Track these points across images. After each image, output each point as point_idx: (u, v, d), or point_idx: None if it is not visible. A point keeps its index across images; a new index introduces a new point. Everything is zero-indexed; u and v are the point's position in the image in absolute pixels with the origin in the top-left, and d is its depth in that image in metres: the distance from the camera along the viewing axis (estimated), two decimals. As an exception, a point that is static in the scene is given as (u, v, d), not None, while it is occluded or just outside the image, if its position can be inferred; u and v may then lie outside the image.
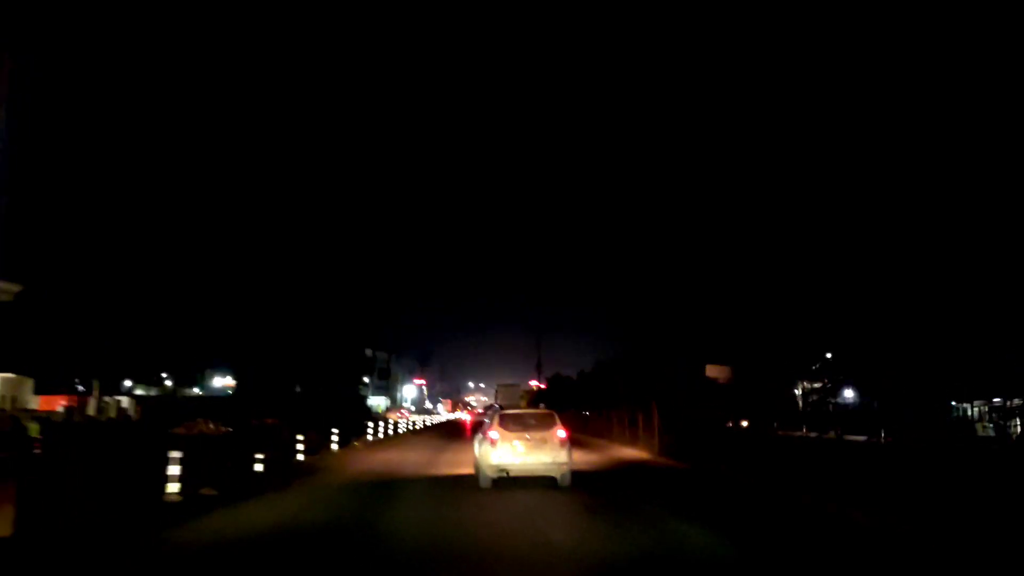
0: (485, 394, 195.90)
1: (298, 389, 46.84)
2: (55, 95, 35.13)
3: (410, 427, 44.48)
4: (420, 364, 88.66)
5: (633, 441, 26.21)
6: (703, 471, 17.29)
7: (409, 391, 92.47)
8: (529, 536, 9.14)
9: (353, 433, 27.00)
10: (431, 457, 21.69)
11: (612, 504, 12.30)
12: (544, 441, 13.14)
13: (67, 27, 40.35)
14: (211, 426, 19.45)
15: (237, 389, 46.09)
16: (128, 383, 54.59)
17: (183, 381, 65.56)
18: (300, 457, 18.71)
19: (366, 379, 67.34)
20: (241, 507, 11.33)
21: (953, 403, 35.91)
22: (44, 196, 35.54)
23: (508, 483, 13.24)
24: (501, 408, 17.81)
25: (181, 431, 19.33)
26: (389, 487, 14.26)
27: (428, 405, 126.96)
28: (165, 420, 22.28)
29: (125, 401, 42.32)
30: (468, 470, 15.58)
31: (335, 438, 23.40)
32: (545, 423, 13.65)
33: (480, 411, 65.41)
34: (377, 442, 30.26)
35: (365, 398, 54.18)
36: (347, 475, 16.47)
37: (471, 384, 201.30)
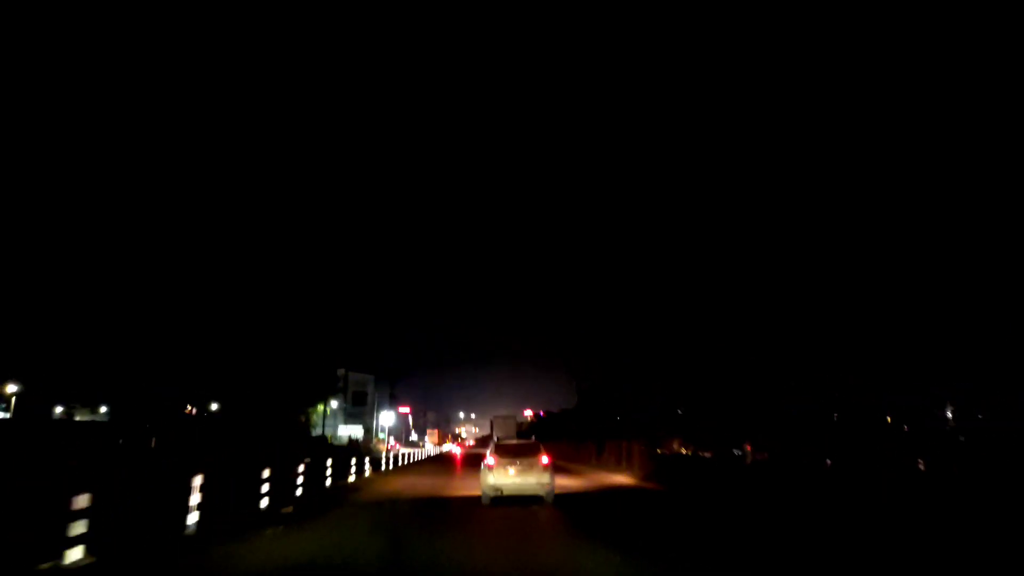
0: (476, 424, 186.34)
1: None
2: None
3: (370, 468, 30.72)
4: (390, 383, 75.70)
5: (619, 468, 28.93)
6: (673, 493, 19.68)
7: (388, 419, 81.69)
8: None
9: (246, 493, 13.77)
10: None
11: (581, 515, 14.47)
12: (531, 466, 15.54)
13: (67, 27, 36.91)
14: None
15: (113, 413, 35.44)
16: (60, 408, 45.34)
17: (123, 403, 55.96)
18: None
19: (334, 403, 57.28)
20: None
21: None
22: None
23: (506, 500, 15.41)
24: (498, 439, 19.88)
25: None
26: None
27: (413, 437, 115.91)
28: None
29: None
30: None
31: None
32: (532, 451, 16.12)
33: (471, 444, 57.33)
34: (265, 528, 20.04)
35: (308, 425, 43.24)
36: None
37: (461, 414, 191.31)
